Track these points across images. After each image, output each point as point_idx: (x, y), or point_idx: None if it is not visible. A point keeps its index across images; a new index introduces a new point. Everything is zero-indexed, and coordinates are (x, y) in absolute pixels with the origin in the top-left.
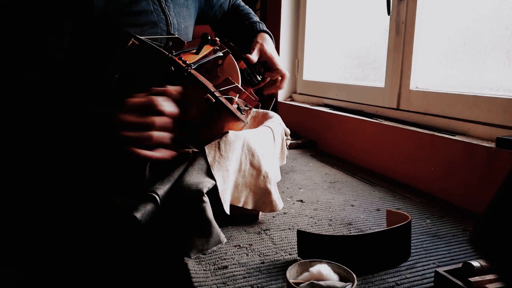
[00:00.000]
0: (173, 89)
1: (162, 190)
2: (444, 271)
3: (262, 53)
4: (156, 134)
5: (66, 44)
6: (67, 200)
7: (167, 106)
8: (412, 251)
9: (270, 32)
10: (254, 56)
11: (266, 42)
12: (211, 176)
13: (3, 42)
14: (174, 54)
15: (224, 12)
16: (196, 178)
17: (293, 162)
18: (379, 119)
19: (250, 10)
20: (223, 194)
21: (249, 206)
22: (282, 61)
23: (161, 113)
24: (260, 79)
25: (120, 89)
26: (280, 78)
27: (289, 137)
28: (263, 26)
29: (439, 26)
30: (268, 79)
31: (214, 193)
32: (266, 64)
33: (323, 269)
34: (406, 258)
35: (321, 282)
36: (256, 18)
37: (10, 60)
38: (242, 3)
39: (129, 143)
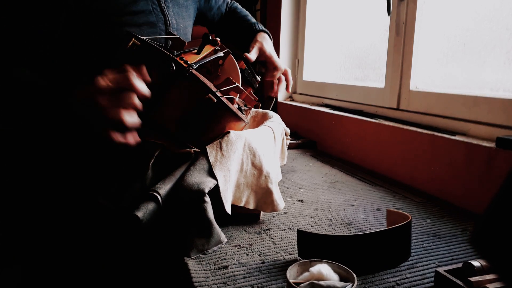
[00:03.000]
0: (146, 74)
1: (163, 189)
2: (444, 271)
3: (261, 52)
4: (129, 118)
5: (57, 35)
6: (67, 200)
7: (143, 87)
8: (412, 251)
9: (268, 32)
10: (252, 55)
11: (266, 41)
12: (213, 176)
13: None
14: (175, 54)
15: (222, 14)
16: (198, 178)
17: (293, 162)
18: (379, 119)
19: (247, 13)
20: (224, 193)
21: (251, 206)
22: (282, 61)
23: (136, 92)
24: (260, 79)
25: None
26: (283, 76)
27: (288, 137)
28: (261, 26)
29: (439, 26)
30: (273, 79)
31: (215, 192)
32: (266, 64)
33: (323, 269)
34: (406, 258)
35: (321, 282)
36: (254, 20)
37: (2, 56)
38: (239, 6)
39: (103, 126)
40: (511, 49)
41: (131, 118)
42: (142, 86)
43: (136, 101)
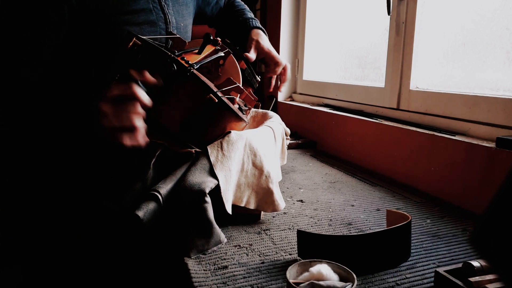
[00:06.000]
0: (149, 77)
1: (164, 189)
2: (444, 271)
3: (260, 49)
4: (137, 122)
5: (61, 40)
6: (67, 200)
7: (144, 96)
8: (412, 251)
9: (263, 28)
10: (252, 54)
11: (261, 38)
12: (214, 176)
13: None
14: (176, 54)
15: (221, 8)
16: (199, 177)
17: (293, 162)
18: (379, 119)
19: (245, 6)
20: (225, 193)
21: (252, 206)
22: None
23: (139, 101)
24: (259, 79)
25: None
26: (282, 70)
27: (288, 137)
28: (256, 23)
29: (439, 26)
30: (273, 76)
31: (216, 192)
32: (265, 60)
33: (323, 269)
34: (406, 258)
35: (321, 282)
36: (251, 14)
37: (6, 58)
38: (238, 0)
39: (111, 132)
40: (511, 49)
41: (138, 122)
42: (144, 96)
43: (140, 109)
